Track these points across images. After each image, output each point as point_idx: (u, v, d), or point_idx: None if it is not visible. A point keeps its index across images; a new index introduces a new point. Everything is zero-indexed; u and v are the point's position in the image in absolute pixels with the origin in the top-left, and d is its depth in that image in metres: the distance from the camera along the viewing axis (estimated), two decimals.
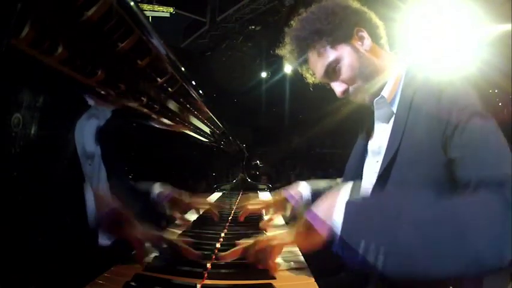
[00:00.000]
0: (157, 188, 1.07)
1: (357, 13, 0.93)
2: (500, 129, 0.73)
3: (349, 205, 0.64)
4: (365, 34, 0.92)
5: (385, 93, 0.91)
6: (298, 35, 0.94)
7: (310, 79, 1.02)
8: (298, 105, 11.29)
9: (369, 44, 0.92)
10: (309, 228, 0.67)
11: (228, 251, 0.71)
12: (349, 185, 0.70)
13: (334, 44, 0.91)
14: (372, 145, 0.99)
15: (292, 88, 10.41)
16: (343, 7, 0.92)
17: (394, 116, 0.89)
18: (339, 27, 0.90)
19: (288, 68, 9.56)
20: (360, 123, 1.08)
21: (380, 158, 0.87)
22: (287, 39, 0.98)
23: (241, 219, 1.20)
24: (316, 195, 1.15)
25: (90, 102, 0.69)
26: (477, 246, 0.54)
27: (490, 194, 0.60)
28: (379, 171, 0.84)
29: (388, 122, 0.93)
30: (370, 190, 0.88)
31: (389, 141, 0.85)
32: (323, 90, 1.02)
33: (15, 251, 0.46)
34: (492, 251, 0.54)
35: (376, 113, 0.95)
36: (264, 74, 10.40)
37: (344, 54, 0.90)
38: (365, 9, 0.95)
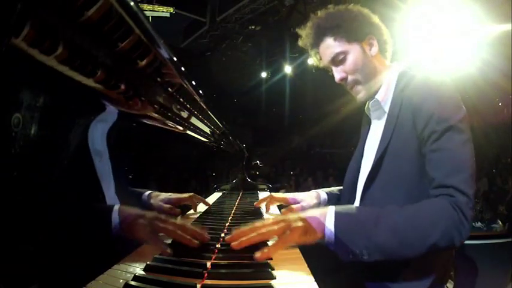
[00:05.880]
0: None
1: (373, 25, 1.10)
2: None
3: (339, 215, 0.81)
4: (374, 42, 1.09)
5: (379, 96, 1.08)
6: (321, 24, 1.10)
7: (316, 62, 1.17)
8: (298, 105, 11.30)
9: (375, 50, 1.09)
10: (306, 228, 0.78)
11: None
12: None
13: (349, 39, 1.07)
14: (369, 141, 1.14)
15: (292, 88, 10.41)
16: (363, 16, 1.10)
17: (386, 114, 1.04)
18: (356, 30, 1.07)
19: (288, 68, 9.58)
20: (361, 124, 1.23)
21: (375, 151, 1.01)
22: (309, 24, 1.13)
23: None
24: (332, 195, 1.30)
25: (95, 100, 0.70)
26: (436, 235, 0.79)
27: (444, 199, 0.83)
28: (373, 162, 1.00)
29: (381, 119, 1.09)
30: (364, 180, 1.03)
31: (382, 135, 1.01)
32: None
33: (17, 250, 0.46)
34: (445, 239, 0.80)
35: (373, 114, 1.13)
36: (264, 74, 10.39)
37: (353, 50, 1.07)
38: (381, 25, 1.12)
